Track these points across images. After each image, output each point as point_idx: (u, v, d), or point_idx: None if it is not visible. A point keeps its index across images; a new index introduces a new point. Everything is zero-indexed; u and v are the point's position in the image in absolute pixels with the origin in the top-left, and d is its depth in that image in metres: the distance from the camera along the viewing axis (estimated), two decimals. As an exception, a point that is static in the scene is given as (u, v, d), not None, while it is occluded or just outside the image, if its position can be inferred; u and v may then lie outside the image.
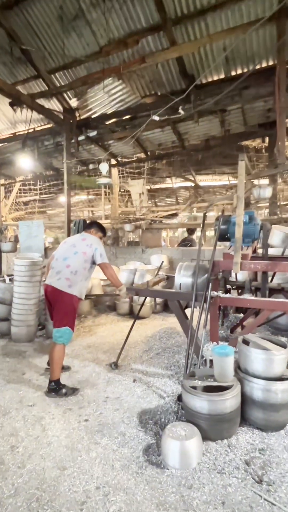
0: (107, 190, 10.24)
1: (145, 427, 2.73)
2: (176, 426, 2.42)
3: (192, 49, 4.29)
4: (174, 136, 6.67)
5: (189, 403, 2.55)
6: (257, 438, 2.55)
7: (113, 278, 3.49)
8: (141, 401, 3.15)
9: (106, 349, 4.53)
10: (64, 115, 6.37)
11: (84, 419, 2.88)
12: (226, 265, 3.32)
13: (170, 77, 5.49)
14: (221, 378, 2.65)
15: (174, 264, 7.34)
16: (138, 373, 3.73)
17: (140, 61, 4.56)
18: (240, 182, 3.16)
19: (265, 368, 2.65)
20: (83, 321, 5.96)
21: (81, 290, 3.37)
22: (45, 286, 3.40)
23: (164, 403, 3.09)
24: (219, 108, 5.52)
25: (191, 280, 3.59)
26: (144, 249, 7.62)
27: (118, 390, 3.37)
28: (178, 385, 3.41)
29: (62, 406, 3.08)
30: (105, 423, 2.80)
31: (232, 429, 2.55)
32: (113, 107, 6.21)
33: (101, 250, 3.37)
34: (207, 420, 2.47)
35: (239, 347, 2.81)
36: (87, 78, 5.21)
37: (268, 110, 5.64)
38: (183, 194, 15.48)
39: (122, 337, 4.95)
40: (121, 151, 7.80)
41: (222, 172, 12.49)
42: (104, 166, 4.85)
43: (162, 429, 2.68)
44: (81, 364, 4.05)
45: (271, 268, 3.12)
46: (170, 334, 4.85)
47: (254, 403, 2.65)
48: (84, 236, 3.49)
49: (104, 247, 3.52)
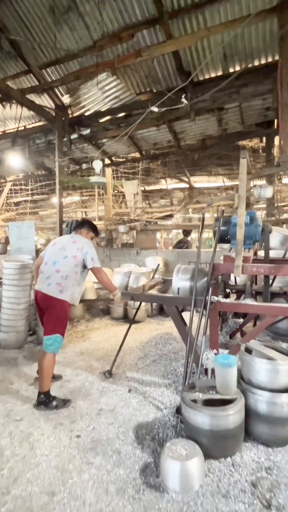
0: (101, 191, 10.03)
1: (142, 444, 2.53)
2: (176, 444, 2.22)
3: (189, 42, 4.13)
4: (170, 135, 6.51)
5: (189, 418, 2.36)
6: (263, 455, 2.38)
7: (106, 283, 3.29)
8: (137, 413, 2.95)
9: (100, 355, 4.32)
10: (56, 112, 6.15)
11: (76, 435, 2.67)
12: (227, 268, 3.15)
13: (166, 73, 5.32)
14: (223, 390, 2.47)
15: (170, 267, 7.17)
16: (134, 382, 3.53)
17: (135, 55, 4.38)
18: (241, 181, 3.00)
19: (270, 379, 2.48)
20: (76, 325, 5.74)
21: (74, 296, 3.16)
22: (35, 292, 3.20)
23: (162, 415, 2.89)
24: (217, 106, 5.37)
25: (189, 284, 3.42)
26: (139, 251, 7.44)
27: (113, 401, 3.16)
28: (176, 395, 3.23)
29: (52, 420, 2.86)
30: (99, 440, 2.60)
31: (236, 446, 2.37)
32: (107, 104, 6.02)
33: (92, 254, 3.16)
34: (209, 436, 2.28)
35: (242, 356, 2.63)
36: (80, 72, 5.00)
37: (266, 108, 5.51)
38: (177, 196, 15.35)
39: (117, 342, 4.77)
40: (115, 151, 7.61)
41: (217, 173, 12.40)
42: (97, 163, 4.64)
43: (160, 446, 2.50)
44: (73, 372, 3.83)
45: (274, 272, 2.95)
46: (166, 340, 4.66)
47: (258, 416, 2.47)
48: (74, 239, 3.27)
49: (98, 249, 3.32)
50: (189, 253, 7.16)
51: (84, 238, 3.30)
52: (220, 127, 5.93)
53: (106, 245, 8.25)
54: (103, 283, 3.32)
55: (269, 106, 5.41)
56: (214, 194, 14.55)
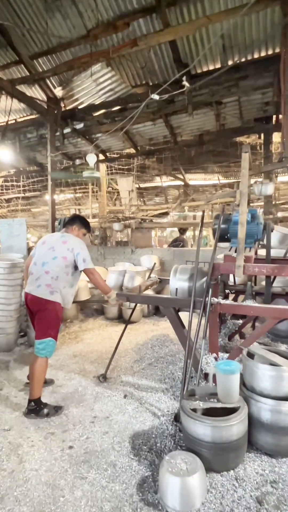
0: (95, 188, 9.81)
1: (138, 455, 2.38)
2: (176, 457, 2.07)
3: (188, 31, 3.95)
4: (166, 130, 6.33)
5: (189, 428, 2.22)
6: (267, 466, 2.24)
7: (100, 284, 3.12)
8: (133, 421, 2.80)
9: (94, 358, 4.16)
10: (48, 105, 5.92)
11: (68, 445, 2.51)
12: (228, 268, 3.01)
13: (163, 65, 5.14)
14: (225, 398, 2.33)
15: (165, 265, 7.01)
16: (129, 387, 3.37)
17: (131, 44, 4.18)
18: (243, 177, 2.85)
19: (274, 386, 2.34)
20: (69, 326, 5.56)
21: (66, 298, 2.99)
22: (25, 294, 3.01)
23: (159, 423, 2.75)
24: (215, 100, 5.21)
25: (187, 284, 3.27)
26: (134, 250, 7.26)
27: (107, 408, 3.01)
28: (173, 400, 3.08)
29: (43, 430, 2.70)
30: (93, 451, 2.44)
31: (239, 458, 2.23)
32: (102, 97, 5.80)
33: (84, 255, 2.96)
34: (211, 449, 2.14)
35: (245, 362, 2.49)
36: (73, 62, 4.79)
37: (265, 103, 5.37)
38: (172, 193, 15.20)
39: (111, 344, 4.61)
40: (110, 146, 7.40)
41: (212, 171, 12.26)
42: (91, 157, 4.44)
43: (158, 457, 2.35)
44: (66, 376, 3.66)
45: (277, 272, 2.82)
46: (163, 342, 4.51)
47: (262, 425, 2.34)
48: (65, 238, 3.05)
49: (92, 247, 3.15)
50: (185, 252, 7.01)
51: (75, 238, 3.09)
52: (218, 122, 5.77)
53: (100, 243, 8.06)
54: (97, 285, 3.15)
55: (268, 101, 5.27)
56: (210, 192, 14.43)
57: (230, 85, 4.86)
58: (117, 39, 4.77)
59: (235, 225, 3.23)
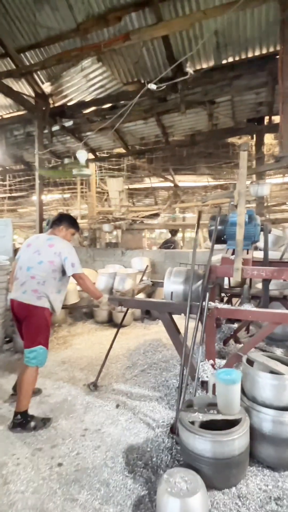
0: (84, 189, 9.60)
1: (133, 471, 2.22)
2: (174, 475, 1.92)
3: (183, 26, 3.84)
4: (158, 129, 6.20)
5: (188, 443, 2.08)
6: (270, 481, 2.12)
7: (90, 290, 2.94)
8: (127, 433, 2.65)
9: (84, 365, 3.97)
10: (36, 100, 5.71)
11: (57, 463, 2.33)
12: (225, 271, 2.89)
13: (156, 62, 5.01)
14: (226, 409, 2.20)
15: (157, 268, 6.88)
16: (121, 396, 3.21)
17: (123, 38, 4.03)
18: (241, 176, 2.75)
19: (277, 395, 2.23)
20: (57, 330, 5.35)
21: (54, 304, 2.80)
22: (11, 301, 2.81)
23: (154, 435, 2.60)
24: (208, 99, 5.12)
25: (182, 287, 3.15)
26: (124, 251, 7.10)
27: (99, 419, 2.84)
28: (168, 410, 2.94)
29: (30, 445, 2.51)
30: (84, 468, 2.27)
31: (241, 474, 2.10)
32: (92, 94, 5.63)
33: (72, 259, 2.76)
34: (211, 465, 2.01)
35: (246, 370, 2.37)
36: (62, 55, 4.59)
37: (259, 103, 5.32)
38: (161, 195, 15.11)
39: (101, 349, 4.44)
40: (100, 145, 7.23)
41: (202, 172, 12.23)
42: (82, 153, 4.26)
43: (155, 474, 2.20)
44: (54, 385, 3.47)
45: (277, 276, 2.72)
46: (155, 347, 4.37)
47: (264, 437, 2.22)
48: (51, 241, 2.83)
49: (80, 249, 2.97)
50: (176, 254, 6.90)
51: (62, 241, 2.87)
52: (210, 122, 5.69)
53: (89, 244, 7.87)
54: (87, 290, 2.97)
55: (262, 101, 5.22)
56: (199, 194, 14.42)
57: (223, 84, 4.78)
58: (108, 34, 4.62)
59: (232, 227, 3.12)
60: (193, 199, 13.70)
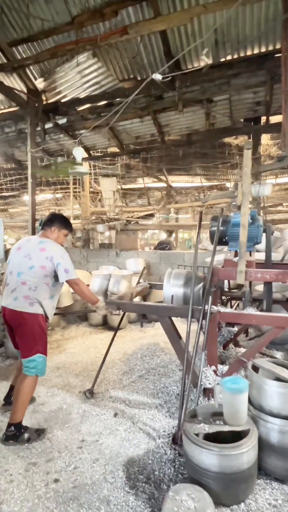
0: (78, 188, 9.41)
1: (135, 487, 2.09)
2: (180, 492, 1.80)
3: (183, 20, 3.72)
4: (154, 128, 6.09)
5: (194, 456, 1.96)
6: (279, 495, 2.02)
7: (86, 295, 2.81)
8: (126, 444, 2.52)
9: (79, 370, 3.83)
10: (28, 96, 5.53)
11: (53, 478, 2.18)
12: (228, 274, 2.79)
13: (153, 59, 4.90)
14: (233, 420, 2.09)
15: (152, 269, 6.77)
16: (119, 403, 3.08)
17: (121, 32, 3.90)
18: (245, 175, 2.65)
19: (286, 404, 2.13)
20: (50, 334, 5.18)
21: (47, 310, 2.64)
22: (2, 309, 2.65)
23: (156, 446, 2.47)
24: (206, 97, 5.03)
25: (183, 290, 3.03)
26: (119, 252, 6.97)
27: (96, 429, 2.70)
28: (169, 418, 2.82)
29: (24, 459, 2.35)
30: (82, 484, 2.13)
31: (250, 489, 2.00)
32: (86, 91, 5.49)
33: (65, 265, 2.60)
34: (219, 480, 1.89)
35: (252, 378, 2.27)
36: (57, 49, 4.44)
37: (256, 103, 5.26)
38: (155, 195, 15.03)
39: (97, 354, 4.30)
40: (94, 143, 7.07)
41: (195, 173, 12.19)
42: (79, 151, 4.10)
43: (158, 489, 2.08)
44: (48, 392, 3.32)
45: (281, 278, 2.63)
46: (153, 351, 4.24)
47: (272, 448, 2.12)
48: (43, 245, 2.66)
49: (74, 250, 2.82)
50: (171, 255, 6.80)
51: (54, 244, 2.70)
52: (207, 121, 5.61)
53: (82, 245, 7.70)
54: (83, 296, 2.84)
55: (260, 101, 5.16)
56: (192, 195, 14.39)
57: (221, 82, 4.70)
58: (104, 28, 4.48)
59: (234, 227, 3.03)
60: (186, 200, 13.66)
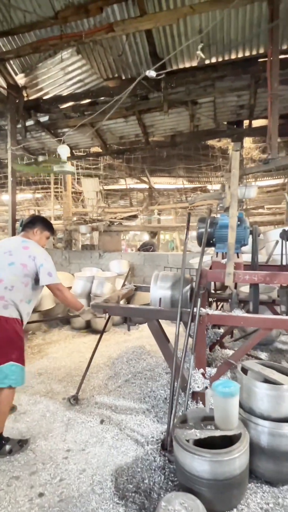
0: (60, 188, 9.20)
1: (124, 497, 2.02)
2: (173, 502, 1.75)
3: (170, 20, 3.69)
4: (139, 128, 6.03)
5: (185, 463, 1.91)
6: (270, 498, 2.01)
7: (70, 302, 2.71)
8: (114, 452, 2.44)
9: (62, 376, 3.70)
10: (9, 92, 5.33)
11: (37, 492, 2.07)
12: (216, 276, 2.78)
13: (138, 59, 4.85)
14: (224, 424, 2.06)
15: (136, 271, 6.71)
16: (105, 409, 2.99)
17: (107, 29, 3.83)
18: (234, 176, 2.65)
19: (276, 407, 2.12)
20: (31, 339, 5.01)
21: (22, 314, 2.48)
22: None
23: (144, 453, 2.41)
24: (191, 99, 5.04)
25: (170, 293, 3.00)
26: (102, 254, 6.86)
27: (82, 438, 2.60)
28: (157, 423, 2.76)
29: (6, 474, 2.23)
30: (69, 497, 2.03)
31: (242, 494, 1.97)
32: (70, 88, 5.35)
33: (49, 267, 2.50)
34: (211, 487, 1.86)
35: (242, 381, 2.25)
36: (40, 43, 4.30)
37: (240, 106, 5.33)
38: (137, 196, 15.00)
39: (80, 358, 4.19)
40: (77, 143, 6.93)
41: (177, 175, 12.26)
42: (64, 148, 3.96)
43: (148, 498, 2.02)
44: (30, 400, 3.18)
45: (269, 280, 2.64)
46: (139, 354, 4.17)
47: (262, 451, 2.11)
48: (26, 243, 2.56)
49: (55, 251, 2.71)
50: (155, 256, 6.76)
51: (37, 245, 2.60)
52: (192, 123, 5.63)
53: (64, 246, 7.52)
54: (66, 303, 2.73)
55: (243, 104, 5.23)
56: (174, 196, 14.48)
57: (206, 84, 4.72)
58: (89, 25, 4.39)
59: (221, 229, 3.03)
60: (169, 202, 13.72)
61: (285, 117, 4.88)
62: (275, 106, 3.23)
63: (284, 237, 3.46)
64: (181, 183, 13.10)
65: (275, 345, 4.39)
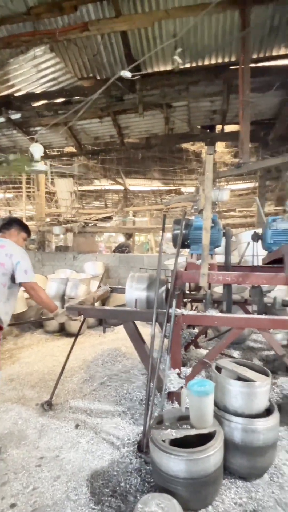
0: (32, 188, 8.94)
1: (100, 502, 1.99)
2: (149, 503, 1.74)
3: (145, 22, 3.72)
4: (114, 129, 6.01)
5: (162, 464, 1.92)
6: (243, 493, 2.06)
7: (44, 302, 2.66)
8: (89, 457, 2.40)
9: (35, 381, 3.59)
10: (-22, 87, 5.13)
11: (9, 503, 1.99)
12: (191, 277, 2.82)
13: (113, 60, 4.84)
14: (199, 423, 2.09)
15: (111, 272, 6.66)
16: (80, 414, 2.94)
17: (81, 28, 3.79)
18: (208, 180, 2.70)
19: (249, 403, 2.19)
20: (1, 344, 4.81)
21: (1, 316, 2.43)
22: None
23: (120, 456, 2.39)
24: (166, 102, 5.10)
25: (145, 294, 3.01)
26: (76, 255, 6.75)
27: (56, 444, 2.54)
28: (133, 425, 2.75)
29: (-26, 486, 2.11)
30: (43, 506, 1.97)
31: (217, 490, 2.01)
32: (43, 86, 5.24)
33: (26, 265, 2.47)
34: (188, 486, 1.88)
35: (217, 379, 2.29)
36: (11, 39, 4.17)
37: (213, 111, 5.46)
38: (111, 197, 14.92)
39: (54, 362, 4.09)
40: (51, 142, 6.78)
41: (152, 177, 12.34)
42: (37, 147, 3.85)
43: (125, 502, 2.00)
44: (1, 407, 3.06)
45: (242, 281, 2.72)
46: (114, 356, 4.14)
47: (236, 448, 2.16)
48: (2, 242, 2.52)
49: (28, 253, 2.65)
50: (131, 258, 6.76)
51: (14, 244, 2.56)
52: (166, 125, 5.70)
53: (37, 248, 7.33)
54: (40, 302, 2.68)
55: (216, 109, 5.37)
56: (149, 198, 14.55)
57: (181, 88, 4.80)
58: (63, 23, 4.32)
59: (196, 231, 3.08)
60: (144, 203, 13.77)
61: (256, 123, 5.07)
62: (246, 112, 3.34)
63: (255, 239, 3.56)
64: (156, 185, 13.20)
65: (247, 343, 4.53)
